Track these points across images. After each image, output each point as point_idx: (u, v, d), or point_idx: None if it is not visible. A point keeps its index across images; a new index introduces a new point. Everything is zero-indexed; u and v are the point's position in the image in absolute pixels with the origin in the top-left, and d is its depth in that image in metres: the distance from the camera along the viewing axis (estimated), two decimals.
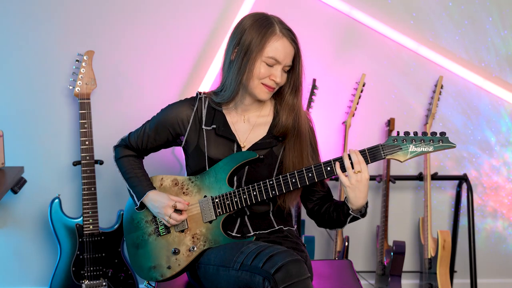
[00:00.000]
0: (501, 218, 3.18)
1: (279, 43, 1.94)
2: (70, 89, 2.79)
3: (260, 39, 1.93)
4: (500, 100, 3.06)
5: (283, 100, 2.05)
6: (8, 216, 2.96)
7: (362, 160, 1.92)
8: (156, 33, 2.87)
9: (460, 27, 2.97)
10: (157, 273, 2.06)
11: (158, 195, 2.05)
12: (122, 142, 2.19)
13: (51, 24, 2.82)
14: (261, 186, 1.98)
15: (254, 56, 1.94)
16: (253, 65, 1.94)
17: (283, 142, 2.06)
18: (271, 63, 1.95)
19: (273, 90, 2.01)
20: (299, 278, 1.77)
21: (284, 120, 2.03)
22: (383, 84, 3.01)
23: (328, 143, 2.99)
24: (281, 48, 1.94)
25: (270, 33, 1.94)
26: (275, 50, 1.94)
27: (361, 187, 1.92)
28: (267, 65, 1.95)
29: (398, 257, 2.89)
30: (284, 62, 1.96)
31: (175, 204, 2.01)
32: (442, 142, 1.92)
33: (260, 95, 2.00)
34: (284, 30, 1.96)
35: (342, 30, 2.95)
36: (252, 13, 2.02)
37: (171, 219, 2.00)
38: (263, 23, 1.95)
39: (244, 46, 1.95)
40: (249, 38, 1.94)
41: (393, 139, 1.93)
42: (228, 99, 2.04)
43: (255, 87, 1.98)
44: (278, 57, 1.94)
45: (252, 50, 1.94)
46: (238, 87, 2.00)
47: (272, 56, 1.94)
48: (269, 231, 2.08)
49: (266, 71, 1.96)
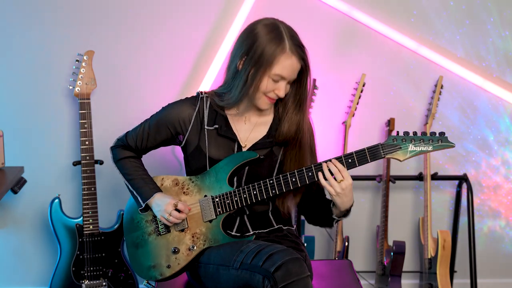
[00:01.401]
0: (501, 218, 3.18)
1: (288, 62, 1.93)
2: (70, 89, 2.79)
3: (269, 55, 1.91)
4: (500, 100, 3.06)
5: (286, 111, 2.04)
6: (8, 216, 2.96)
7: (342, 168, 1.93)
8: (156, 33, 2.87)
9: (461, 26, 2.97)
10: (156, 272, 2.06)
11: (164, 196, 2.05)
12: (120, 143, 2.18)
13: (51, 24, 2.82)
14: (261, 186, 1.98)
15: (262, 72, 1.93)
16: (259, 81, 1.94)
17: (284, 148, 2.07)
18: (277, 79, 1.95)
19: (274, 101, 2.02)
20: (299, 277, 1.77)
21: (285, 131, 2.04)
22: (383, 84, 3.01)
23: (328, 143, 2.99)
24: (288, 67, 1.94)
25: (280, 51, 1.91)
26: (282, 69, 1.93)
27: (347, 193, 1.94)
28: (273, 80, 1.95)
29: (398, 257, 2.89)
30: (289, 78, 1.97)
31: (176, 202, 2.01)
32: (441, 142, 1.92)
33: (261, 105, 2.01)
34: (294, 47, 1.93)
35: (342, 30, 2.95)
36: (264, 22, 1.97)
37: (171, 216, 2.00)
38: (274, 37, 1.92)
39: (252, 60, 1.93)
40: (259, 51, 1.92)
41: (392, 138, 1.94)
42: (233, 106, 2.05)
43: (259, 99, 1.99)
44: (285, 74, 1.94)
45: (261, 66, 1.92)
46: (243, 97, 2.00)
47: (279, 73, 1.93)
48: (268, 230, 2.09)
49: (272, 86, 1.96)
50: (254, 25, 1.98)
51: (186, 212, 2.03)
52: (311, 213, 2.14)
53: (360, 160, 1.94)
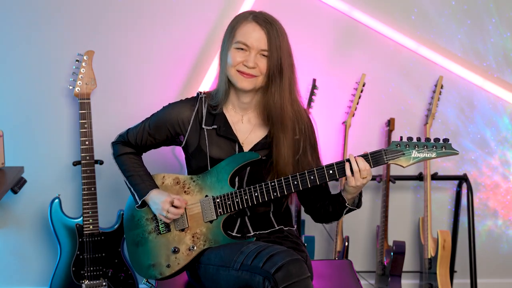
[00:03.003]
0: (501, 218, 3.18)
1: (247, 27, 1.96)
2: (70, 89, 2.78)
3: (231, 28, 1.99)
4: (500, 100, 3.06)
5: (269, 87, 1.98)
6: (8, 216, 2.95)
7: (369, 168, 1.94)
8: (156, 33, 2.87)
9: (463, 26, 2.97)
10: (156, 271, 2.06)
11: (160, 193, 2.05)
12: (121, 139, 2.18)
13: (51, 24, 2.82)
14: (262, 188, 1.98)
15: (227, 46, 1.99)
16: (226, 55, 1.98)
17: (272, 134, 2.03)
18: (243, 48, 1.96)
19: (251, 76, 1.97)
20: (299, 278, 1.77)
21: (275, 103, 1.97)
22: (383, 84, 3.01)
23: (328, 143, 2.99)
24: (248, 32, 1.95)
25: (240, 20, 1.98)
26: (242, 35, 1.95)
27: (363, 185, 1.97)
28: (239, 51, 1.96)
29: (398, 257, 2.89)
30: (255, 46, 1.94)
31: (172, 199, 2.01)
32: (445, 149, 1.92)
33: (238, 83, 1.98)
34: (257, 18, 1.96)
35: (342, 30, 2.95)
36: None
37: (169, 213, 2.00)
38: (238, 16, 2.01)
39: (223, 42, 2.01)
40: (227, 31, 2.01)
41: (396, 144, 1.93)
42: (222, 99, 2.04)
43: (233, 76, 1.98)
44: (246, 40, 1.94)
45: (225, 41, 2.00)
46: (227, 85, 2.01)
47: (239, 40, 1.95)
48: (269, 231, 2.09)
49: (240, 57, 1.96)
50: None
51: (183, 207, 2.02)
52: (320, 210, 2.11)
53: None
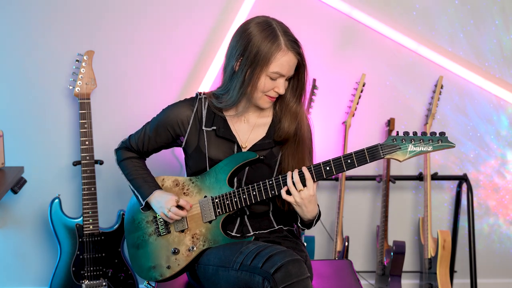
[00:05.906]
0: (501, 218, 3.18)
1: (285, 59, 1.92)
2: (70, 89, 2.79)
3: (265, 53, 1.91)
4: (500, 100, 3.06)
5: (286, 106, 2.04)
6: (8, 216, 2.96)
7: (308, 177, 1.92)
8: (156, 33, 2.87)
9: (466, 25, 2.97)
10: (156, 273, 2.06)
11: (163, 193, 2.06)
12: (123, 145, 2.20)
13: (51, 24, 2.82)
14: (260, 186, 1.98)
15: (259, 71, 1.93)
16: (257, 80, 1.94)
17: (282, 145, 2.06)
18: (275, 77, 1.95)
19: (275, 99, 2.02)
20: (298, 278, 1.77)
21: (286, 127, 2.03)
22: (383, 84, 3.01)
23: (328, 143, 2.99)
24: (286, 63, 1.93)
25: (276, 48, 1.91)
26: (280, 66, 1.93)
27: (306, 203, 1.94)
28: (271, 79, 1.95)
29: (398, 257, 2.89)
30: (288, 74, 1.97)
31: (178, 199, 2.01)
32: (441, 142, 1.91)
33: (262, 105, 2.01)
34: (289, 43, 1.93)
35: (342, 30, 2.95)
36: (256, 21, 1.97)
37: (170, 212, 2.00)
38: (268, 35, 1.92)
39: (248, 60, 1.93)
40: (254, 51, 1.92)
41: (392, 138, 1.93)
42: (231, 107, 2.05)
43: (259, 99, 1.99)
44: (283, 71, 1.94)
45: (257, 65, 1.92)
46: (242, 97, 2.00)
47: (277, 71, 1.93)
48: (269, 230, 2.09)
49: (270, 84, 1.96)
50: (246, 24, 1.98)
51: (187, 209, 2.03)
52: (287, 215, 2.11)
53: (359, 161, 1.93)
